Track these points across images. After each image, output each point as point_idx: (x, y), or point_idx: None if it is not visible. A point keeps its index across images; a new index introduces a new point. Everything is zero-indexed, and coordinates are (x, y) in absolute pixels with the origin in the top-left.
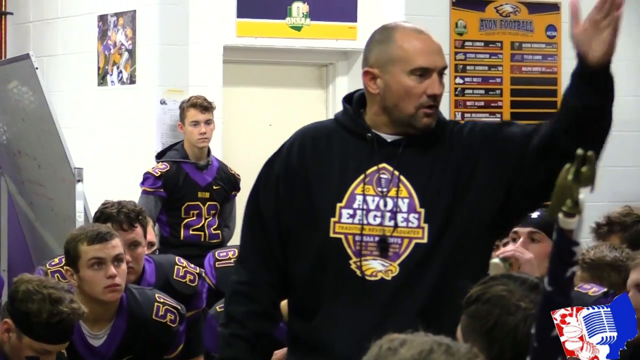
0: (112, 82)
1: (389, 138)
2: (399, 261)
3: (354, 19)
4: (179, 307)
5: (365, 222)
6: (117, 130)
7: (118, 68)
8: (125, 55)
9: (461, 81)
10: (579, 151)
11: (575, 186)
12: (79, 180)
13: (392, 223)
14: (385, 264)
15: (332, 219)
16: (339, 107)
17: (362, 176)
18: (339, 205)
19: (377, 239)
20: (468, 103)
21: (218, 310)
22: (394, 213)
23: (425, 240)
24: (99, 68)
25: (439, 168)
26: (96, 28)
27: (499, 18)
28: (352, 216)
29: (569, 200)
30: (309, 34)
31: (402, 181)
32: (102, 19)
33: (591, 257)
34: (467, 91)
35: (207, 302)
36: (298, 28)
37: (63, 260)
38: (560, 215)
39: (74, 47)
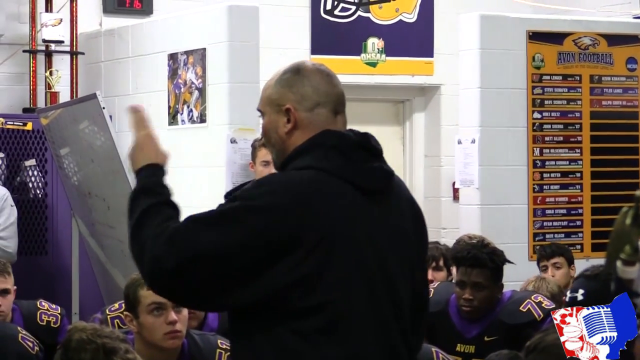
0: (182, 121)
1: None
2: None
3: (431, 55)
4: None
5: None
6: (188, 169)
7: (188, 107)
8: (196, 93)
9: (539, 116)
10: (639, 192)
11: (634, 231)
12: None
13: None
14: None
15: None
16: (417, 144)
17: None
18: None
19: None
20: (547, 138)
21: None
22: None
23: None
24: (169, 107)
25: None
26: (166, 67)
27: (577, 51)
28: None
29: (628, 247)
30: (385, 70)
31: None
32: (173, 57)
33: None
34: (545, 126)
35: None
36: (373, 64)
37: (123, 305)
38: (619, 264)
39: (145, 86)
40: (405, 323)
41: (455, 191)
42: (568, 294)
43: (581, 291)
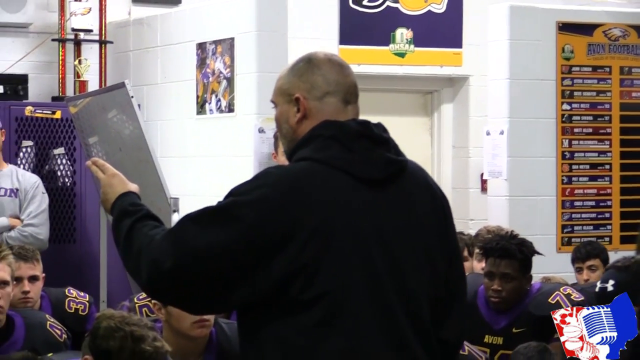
0: (210, 110)
1: None
2: None
3: (459, 45)
4: None
5: None
6: (216, 159)
7: (217, 96)
8: (224, 83)
9: (568, 107)
10: None
11: None
12: (175, 211)
13: None
14: None
15: None
16: (445, 135)
17: None
18: None
19: None
20: (576, 130)
21: None
22: None
23: None
24: (197, 96)
25: None
26: (195, 56)
27: (607, 42)
28: None
29: None
30: (413, 60)
31: None
32: (201, 46)
33: None
34: (574, 118)
35: None
36: (402, 54)
37: None
38: None
39: (173, 76)
40: (420, 315)
41: (484, 182)
42: (598, 284)
43: (611, 282)
